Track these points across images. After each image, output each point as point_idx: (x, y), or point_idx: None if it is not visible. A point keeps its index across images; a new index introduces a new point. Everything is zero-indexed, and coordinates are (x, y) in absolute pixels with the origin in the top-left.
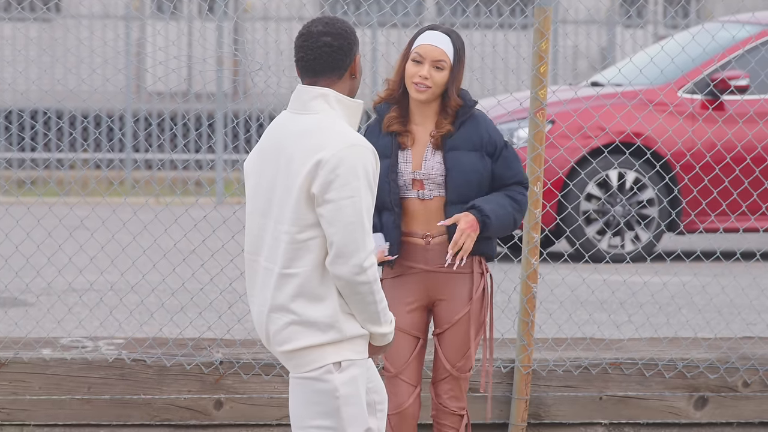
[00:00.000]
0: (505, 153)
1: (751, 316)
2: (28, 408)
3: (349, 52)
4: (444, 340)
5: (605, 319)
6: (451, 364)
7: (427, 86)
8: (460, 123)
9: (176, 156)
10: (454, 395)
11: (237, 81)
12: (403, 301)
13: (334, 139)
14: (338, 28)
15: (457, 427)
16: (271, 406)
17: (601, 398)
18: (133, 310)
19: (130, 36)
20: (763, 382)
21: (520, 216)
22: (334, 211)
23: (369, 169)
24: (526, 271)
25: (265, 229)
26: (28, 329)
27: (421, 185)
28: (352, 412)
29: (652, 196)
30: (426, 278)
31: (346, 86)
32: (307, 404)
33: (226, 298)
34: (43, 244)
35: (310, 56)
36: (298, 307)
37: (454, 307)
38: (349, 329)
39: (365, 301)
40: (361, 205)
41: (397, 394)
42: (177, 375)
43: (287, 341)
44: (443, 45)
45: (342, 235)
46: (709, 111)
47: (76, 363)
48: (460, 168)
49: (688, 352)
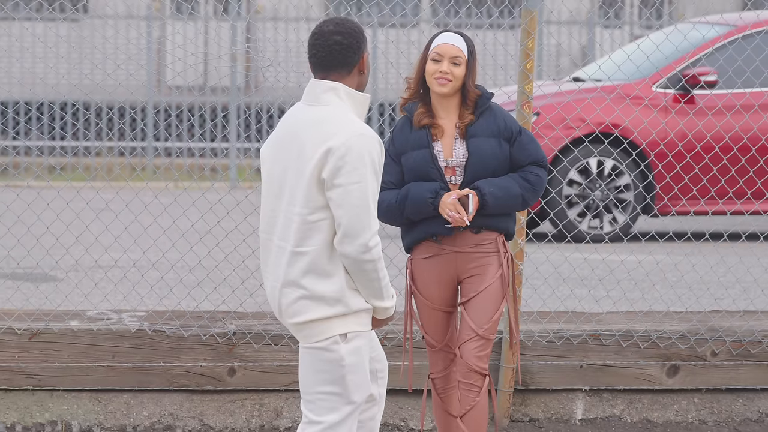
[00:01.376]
0: (521, 138)
1: (719, 292)
2: (57, 374)
3: (358, 49)
4: (470, 306)
5: (585, 294)
6: (477, 325)
7: (448, 80)
8: (480, 113)
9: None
10: (478, 355)
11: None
12: (435, 280)
13: (344, 129)
14: (348, 28)
15: (480, 386)
16: (280, 373)
17: (581, 366)
18: (153, 285)
19: (152, 34)
20: (730, 352)
21: (531, 195)
22: (342, 194)
23: (375, 157)
24: (513, 250)
25: (278, 210)
26: (57, 302)
27: (453, 171)
28: (357, 380)
29: (628, 181)
30: (456, 258)
31: (354, 81)
32: (315, 372)
33: (239, 274)
34: (71, 224)
35: (321, 53)
36: (308, 282)
37: (481, 279)
38: (354, 303)
39: (370, 277)
40: (367, 190)
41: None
42: (194, 344)
43: (298, 314)
44: (458, 43)
45: (349, 217)
46: (681, 104)
47: (102, 333)
48: (480, 153)
49: (661, 325)
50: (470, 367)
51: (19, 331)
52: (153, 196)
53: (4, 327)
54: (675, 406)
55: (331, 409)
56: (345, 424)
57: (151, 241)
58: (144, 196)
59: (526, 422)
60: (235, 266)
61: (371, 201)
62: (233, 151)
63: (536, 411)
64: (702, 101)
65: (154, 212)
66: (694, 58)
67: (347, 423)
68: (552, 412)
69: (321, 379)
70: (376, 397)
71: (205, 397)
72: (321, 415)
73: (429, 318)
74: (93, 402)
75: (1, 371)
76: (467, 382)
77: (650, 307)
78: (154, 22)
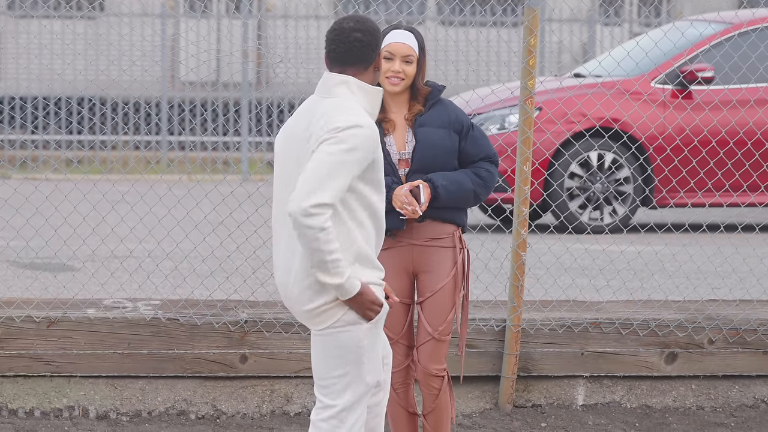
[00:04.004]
0: (473, 132)
1: (716, 281)
2: (74, 361)
3: (376, 47)
4: (426, 306)
5: (586, 283)
6: (433, 328)
7: (401, 78)
8: (430, 105)
9: (206, 138)
10: (434, 358)
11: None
12: (391, 272)
13: (343, 117)
14: (368, 26)
15: (439, 387)
16: (290, 360)
17: (582, 354)
18: (168, 275)
19: (166, 32)
20: (726, 340)
21: (483, 191)
22: (314, 160)
23: (365, 149)
24: (516, 240)
25: (286, 200)
26: (75, 291)
27: (407, 164)
28: (371, 361)
29: (627, 174)
30: (412, 251)
31: (369, 77)
32: (329, 357)
33: (250, 264)
34: (88, 216)
35: (341, 49)
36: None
37: (437, 277)
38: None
39: (311, 246)
40: (340, 168)
41: (401, 353)
42: (207, 332)
43: (308, 301)
44: (409, 41)
45: (305, 178)
46: (678, 99)
47: (118, 322)
48: (428, 142)
49: (659, 313)
50: (428, 372)
51: (37, 319)
52: (167, 188)
53: (23, 315)
54: (673, 392)
55: (344, 392)
56: (358, 406)
57: (165, 231)
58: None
59: (529, 408)
60: (247, 256)
61: (338, 180)
62: (245, 145)
63: (538, 397)
64: (699, 97)
65: (168, 204)
66: (691, 55)
67: (360, 405)
68: (554, 397)
69: (335, 364)
70: (381, 383)
71: (217, 383)
72: (335, 398)
73: None
74: (109, 388)
75: (21, 358)
76: (427, 384)
77: (649, 296)
78: (168, 19)
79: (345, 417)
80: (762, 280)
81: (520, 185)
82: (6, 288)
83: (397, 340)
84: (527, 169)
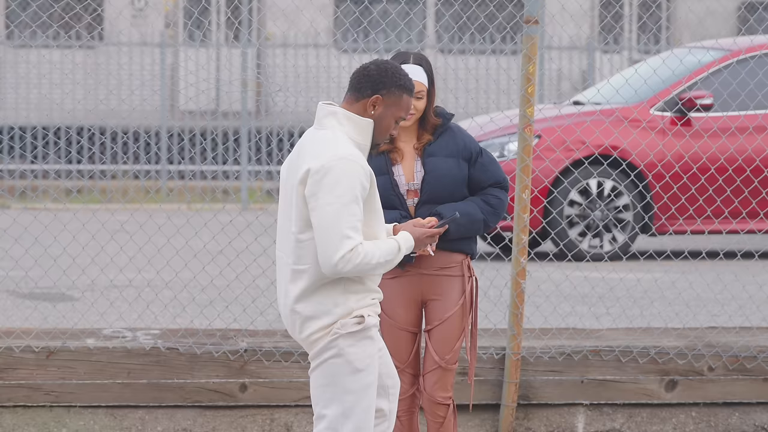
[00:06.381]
0: (481, 159)
1: (715, 309)
2: (74, 391)
3: (375, 83)
4: (434, 335)
5: (586, 311)
6: (440, 356)
7: (411, 114)
8: (439, 134)
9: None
10: (441, 386)
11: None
12: (399, 300)
13: (328, 152)
14: (383, 63)
15: (444, 415)
16: (290, 389)
17: (582, 381)
18: (167, 304)
19: (165, 61)
20: (726, 367)
21: (493, 218)
22: (317, 217)
23: (355, 182)
24: (515, 268)
25: (286, 228)
26: (74, 321)
27: (415, 194)
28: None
29: (627, 202)
30: (420, 280)
31: (358, 112)
32: (323, 386)
33: (249, 293)
34: (87, 245)
35: (353, 76)
36: (310, 298)
37: (445, 305)
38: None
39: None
40: (341, 212)
41: (406, 381)
42: (206, 362)
43: (305, 329)
44: (420, 77)
45: (321, 240)
46: (677, 127)
47: (117, 351)
48: (437, 172)
49: (659, 341)
50: (434, 400)
51: (37, 349)
52: (166, 218)
53: (23, 345)
54: (673, 419)
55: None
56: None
57: (164, 261)
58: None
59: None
60: (246, 285)
61: (343, 222)
62: (244, 174)
63: (538, 425)
64: (698, 124)
65: (167, 233)
66: (690, 82)
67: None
68: (554, 426)
69: (328, 390)
70: (387, 413)
71: (217, 412)
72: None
73: (393, 338)
74: (109, 418)
75: (20, 388)
76: (432, 412)
77: (649, 324)
78: (167, 49)
79: None
80: (762, 306)
81: (519, 213)
82: (5, 318)
83: (403, 369)
84: (526, 197)
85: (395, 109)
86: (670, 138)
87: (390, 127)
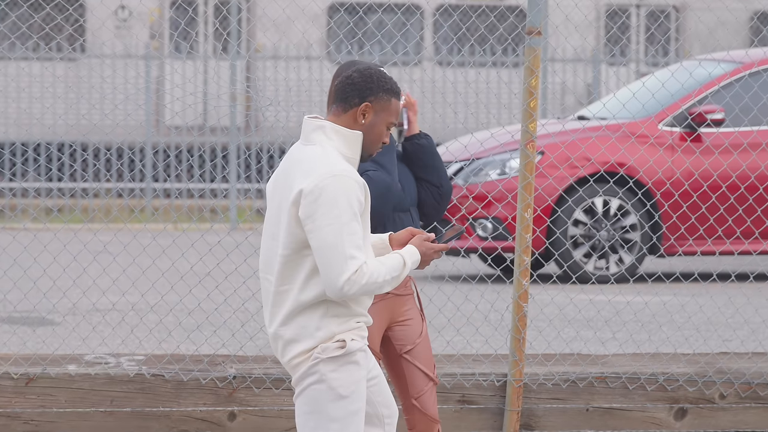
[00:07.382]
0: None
1: (726, 333)
2: (54, 420)
3: (362, 90)
4: (417, 353)
5: (591, 336)
6: (431, 371)
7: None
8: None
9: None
10: (435, 401)
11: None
12: (377, 325)
13: (320, 169)
14: (365, 69)
15: None
16: (281, 417)
17: (587, 410)
18: (152, 329)
19: (150, 74)
20: (738, 395)
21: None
22: (316, 239)
23: (352, 198)
24: (517, 291)
25: (272, 249)
26: (55, 346)
27: None
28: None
29: (634, 221)
30: (393, 302)
31: (347, 124)
32: (306, 414)
33: (238, 317)
34: (68, 267)
35: (335, 84)
36: (292, 321)
37: (416, 324)
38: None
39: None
40: (341, 232)
41: None
42: (193, 389)
43: (285, 353)
44: None
45: (323, 263)
46: (687, 143)
47: (100, 378)
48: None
49: (668, 367)
50: (433, 419)
51: (15, 375)
52: (151, 238)
53: (1, 372)
54: None
55: None
56: None
57: (149, 283)
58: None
59: None
60: (235, 309)
61: (346, 242)
62: (233, 192)
63: None
64: (709, 140)
65: (152, 254)
66: (700, 96)
67: None
68: None
69: (311, 418)
70: None
71: None
72: None
73: None
74: None
75: None
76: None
77: (657, 349)
78: (152, 61)
79: None
80: None
81: (521, 233)
82: None
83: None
84: (529, 216)
85: (385, 114)
86: (679, 154)
87: (382, 134)
